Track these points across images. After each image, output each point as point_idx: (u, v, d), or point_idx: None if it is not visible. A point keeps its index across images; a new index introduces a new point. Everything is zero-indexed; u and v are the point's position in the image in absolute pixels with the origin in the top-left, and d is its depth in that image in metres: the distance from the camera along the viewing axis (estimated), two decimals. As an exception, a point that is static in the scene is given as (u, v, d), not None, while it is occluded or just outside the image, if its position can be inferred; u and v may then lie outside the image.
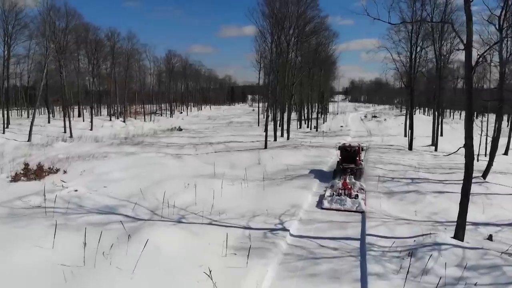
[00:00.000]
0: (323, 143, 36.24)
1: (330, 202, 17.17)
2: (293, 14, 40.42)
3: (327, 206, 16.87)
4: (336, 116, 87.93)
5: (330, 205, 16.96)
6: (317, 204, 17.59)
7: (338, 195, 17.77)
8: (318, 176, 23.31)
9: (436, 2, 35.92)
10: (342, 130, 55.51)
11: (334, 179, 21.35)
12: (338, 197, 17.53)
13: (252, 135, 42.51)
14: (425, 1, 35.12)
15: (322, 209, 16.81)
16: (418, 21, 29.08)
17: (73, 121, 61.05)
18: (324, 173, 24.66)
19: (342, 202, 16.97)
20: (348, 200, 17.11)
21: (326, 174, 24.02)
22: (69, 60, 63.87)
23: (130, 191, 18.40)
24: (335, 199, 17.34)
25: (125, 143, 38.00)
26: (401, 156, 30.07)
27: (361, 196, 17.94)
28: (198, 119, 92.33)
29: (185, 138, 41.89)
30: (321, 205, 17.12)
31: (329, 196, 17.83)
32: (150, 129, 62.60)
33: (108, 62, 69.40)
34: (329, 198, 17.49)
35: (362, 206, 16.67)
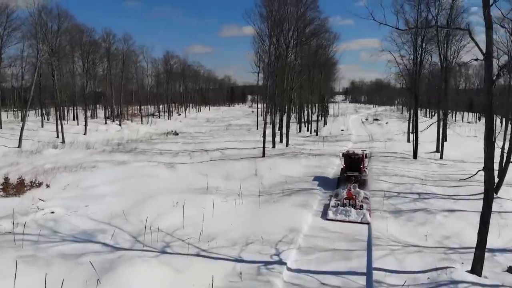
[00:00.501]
0: (323, 150, 34.68)
1: (335, 213, 17.14)
2: (292, 16, 38.90)
3: (332, 217, 16.86)
4: (336, 119, 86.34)
5: (335, 216, 16.94)
6: (321, 215, 17.46)
7: (343, 206, 17.78)
8: (322, 184, 22.96)
9: (440, 4, 34.51)
10: (343, 135, 53.94)
11: (338, 187, 21.42)
12: (343, 207, 17.51)
13: (250, 141, 40.94)
14: (429, 3, 33.71)
15: (327, 220, 16.75)
16: (430, 27, 27.54)
17: (67, 125, 59.62)
18: (328, 180, 24.28)
19: (347, 213, 16.97)
20: (353, 211, 17.10)
21: (330, 182, 23.70)
22: (64, 61, 62.68)
23: (113, 211, 16.89)
24: (340, 209, 17.31)
25: (117, 150, 36.48)
26: (406, 166, 28.52)
27: (365, 206, 17.83)
28: (196, 122, 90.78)
29: (180, 144, 40.34)
30: (326, 216, 17.09)
31: (334, 206, 17.81)
32: (146, 133, 61.10)
33: (104, 64, 67.81)
34: (334, 209, 17.44)
35: (367, 217, 16.64)
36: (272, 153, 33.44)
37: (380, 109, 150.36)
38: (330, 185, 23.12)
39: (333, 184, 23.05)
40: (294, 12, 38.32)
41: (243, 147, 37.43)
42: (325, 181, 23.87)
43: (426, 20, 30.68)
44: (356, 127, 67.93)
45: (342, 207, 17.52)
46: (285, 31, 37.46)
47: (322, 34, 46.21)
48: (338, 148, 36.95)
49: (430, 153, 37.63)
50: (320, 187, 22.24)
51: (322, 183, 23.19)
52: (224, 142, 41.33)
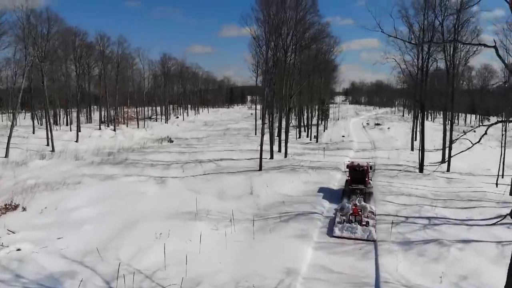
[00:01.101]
0: (324, 163, 32.85)
1: (341, 229, 17.14)
2: (291, 20, 37.11)
3: (338, 234, 16.89)
4: (337, 123, 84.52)
5: (341, 232, 16.97)
6: (327, 232, 17.48)
7: (348, 222, 17.75)
8: (327, 196, 22.83)
9: (446, 8, 32.70)
10: (344, 141, 52.12)
11: (343, 199, 21.57)
12: (348, 224, 17.50)
13: (247, 151, 39.09)
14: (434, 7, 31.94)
15: (333, 237, 16.81)
16: (448, 41, 25.76)
17: (60, 131, 57.85)
18: (332, 192, 24.03)
19: (353, 230, 16.99)
20: (359, 227, 17.12)
21: (334, 193, 23.58)
22: (57, 64, 60.89)
23: (89, 244, 15.08)
24: (345, 226, 17.32)
25: (107, 161, 34.65)
26: (412, 181, 26.70)
27: (371, 222, 17.83)
28: (194, 125, 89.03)
29: (174, 154, 38.51)
30: (332, 232, 17.11)
31: (340, 222, 17.79)
32: (141, 139, 59.29)
33: (98, 67, 66.02)
34: (339, 225, 17.43)
35: (373, 234, 16.66)
36: (269, 165, 31.62)
37: (380, 111, 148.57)
38: (335, 196, 22.98)
39: (338, 196, 22.99)
40: (293, 16, 36.53)
41: (239, 158, 35.64)
42: (330, 192, 23.75)
43: (433, 27, 28.90)
44: (357, 132, 66.12)
45: (348, 224, 17.49)
46: (284, 36, 35.65)
47: (322, 39, 44.33)
48: (339, 159, 35.17)
49: (435, 164, 35.70)
50: (324, 199, 22.27)
51: (327, 195, 23.11)
52: (220, 152, 39.49)
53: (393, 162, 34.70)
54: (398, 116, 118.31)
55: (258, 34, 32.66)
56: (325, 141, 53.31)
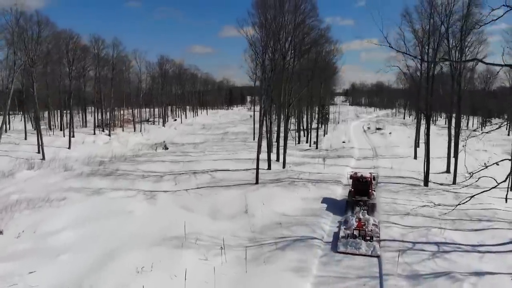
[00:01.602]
0: (324, 175, 31.30)
1: (345, 245, 17.14)
2: (290, 24, 35.58)
3: (343, 250, 16.88)
4: (337, 126, 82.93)
5: (345, 248, 16.97)
6: (331, 247, 17.41)
7: (352, 237, 17.71)
8: (330, 208, 22.71)
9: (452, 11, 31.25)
10: (344, 148, 50.58)
11: (346, 211, 21.85)
12: (353, 239, 17.48)
13: (244, 160, 37.58)
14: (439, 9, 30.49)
15: (337, 252, 16.79)
16: (468, 60, 24.29)
17: (52, 137, 56.29)
18: (335, 202, 23.96)
19: (357, 245, 17.00)
20: (363, 243, 17.12)
21: (337, 204, 23.50)
22: (51, 68, 59.35)
23: (63, 280, 13.58)
24: (350, 242, 17.30)
25: (97, 172, 33.16)
26: (417, 197, 25.17)
27: (375, 237, 17.77)
28: (191, 129, 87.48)
29: (168, 163, 37.00)
30: (337, 248, 17.09)
31: (344, 237, 17.77)
32: (137, 144, 57.77)
33: (92, 70, 64.51)
34: (344, 241, 17.44)
35: (376, 250, 16.68)
36: (266, 178, 30.11)
37: (381, 113, 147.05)
38: (338, 208, 22.83)
39: (341, 207, 22.91)
40: (292, 20, 35.00)
41: (235, 168, 34.11)
42: (333, 203, 23.73)
43: (440, 33, 27.38)
44: (358, 137, 64.53)
45: (352, 239, 17.48)
46: (282, 41, 34.12)
47: (322, 44, 42.78)
48: (340, 170, 33.67)
49: (440, 174, 34.22)
50: (328, 210, 22.35)
51: (330, 206, 23.08)
52: (216, 161, 37.98)
53: (396, 173, 33.15)
54: (399, 118, 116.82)
55: (255, 40, 31.08)
56: (325, 147, 51.75)
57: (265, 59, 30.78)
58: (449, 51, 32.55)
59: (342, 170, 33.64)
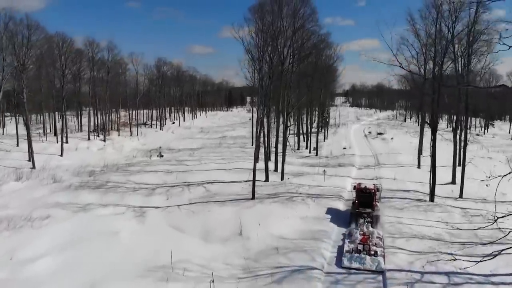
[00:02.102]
0: (324, 188, 29.73)
1: (350, 260, 17.16)
2: (289, 28, 34.08)
3: (347, 265, 16.93)
4: (337, 130, 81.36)
5: (350, 263, 16.99)
6: (336, 262, 17.55)
7: (357, 252, 17.71)
8: (334, 219, 22.76)
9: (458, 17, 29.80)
10: (345, 155, 49.05)
11: (350, 223, 21.86)
12: (357, 254, 17.49)
13: (241, 170, 36.03)
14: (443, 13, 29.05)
15: (342, 267, 16.89)
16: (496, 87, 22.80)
17: (46, 143, 54.80)
18: (339, 213, 23.95)
19: (362, 260, 17.05)
20: (368, 258, 17.14)
21: (341, 215, 23.51)
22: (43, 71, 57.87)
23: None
24: (354, 257, 17.33)
25: (86, 184, 31.69)
26: (423, 215, 23.68)
27: (379, 251, 17.75)
28: (189, 132, 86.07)
29: (161, 174, 35.52)
30: (341, 263, 17.14)
31: (348, 252, 17.79)
32: (132, 150, 56.34)
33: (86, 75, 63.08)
34: (348, 255, 17.46)
35: (381, 265, 16.73)
36: (263, 191, 28.63)
37: (382, 115, 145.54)
38: (342, 219, 22.86)
39: (345, 218, 22.90)
40: (291, 24, 33.50)
41: (231, 180, 32.62)
42: (337, 214, 23.74)
43: (446, 40, 25.91)
44: (359, 142, 63.00)
45: (357, 254, 17.50)
46: (281, 47, 32.62)
47: (322, 49, 41.27)
48: (341, 182, 32.19)
49: (445, 186, 32.68)
50: (333, 222, 22.38)
51: (334, 217, 23.13)
52: (211, 171, 36.50)
53: (400, 186, 31.64)
54: (400, 120, 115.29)
55: (252, 46, 29.52)
56: (325, 154, 50.27)
57: (262, 67, 29.24)
58: (455, 59, 31.08)
59: (343, 182, 32.16)
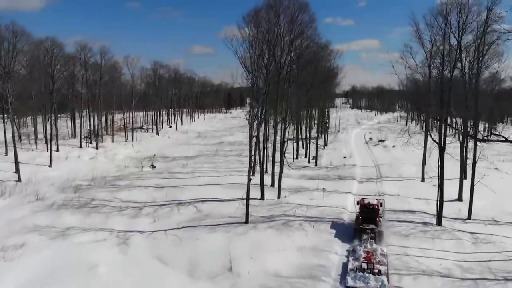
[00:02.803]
0: (324, 209, 27.60)
1: (354, 279, 17.30)
2: (287, 35, 32.13)
3: (351, 285, 17.06)
4: (337, 136, 79.35)
5: (354, 283, 17.12)
6: (340, 280, 17.68)
7: (361, 271, 17.84)
8: (338, 234, 22.98)
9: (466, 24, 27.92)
10: (345, 165, 47.10)
11: (354, 238, 22.13)
12: (361, 273, 17.62)
13: (236, 185, 33.92)
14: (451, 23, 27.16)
15: (346, 287, 17.04)
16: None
17: (36, 151, 52.80)
18: (344, 228, 24.20)
19: (366, 279, 17.16)
20: (371, 277, 17.26)
21: (346, 230, 23.76)
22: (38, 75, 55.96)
23: None
24: (358, 276, 17.48)
25: (70, 203, 29.83)
26: (431, 244, 21.68)
27: (383, 269, 17.91)
28: (186, 137, 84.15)
29: (151, 190, 33.61)
30: (345, 283, 17.27)
31: (352, 270, 17.97)
32: (124, 159, 54.39)
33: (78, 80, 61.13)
34: (352, 274, 17.63)
35: (385, 283, 16.89)
36: (258, 213, 26.71)
37: (382, 117, 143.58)
38: (346, 234, 23.00)
39: (350, 232, 23.12)
40: (288, 30, 31.53)
41: (225, 197, 30.70)
42: (342, 229, 23.91)
43: (455, 55, 23.96)
44: (359, 150, 61.00)
45: (361, 273, 17.62)
46: (278, 57, 30.66)
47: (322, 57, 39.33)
48: (341, 201, 30.29)
49: (451, 203, 30.56)
50: (336, 238, 22.56)
51: (338, 232, 23.26)
52: (204, 186, 34.60)
53: (404, 205, 29.68)
54: (401, 124, 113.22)
55: (247, 57, 27.45)
56: (325, 164, 48.38)
57: (256, 83, 27.27)
58: (463, 69, 29.10)
59: (344, 201, 30.28)
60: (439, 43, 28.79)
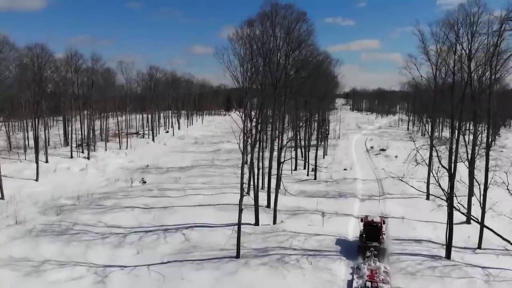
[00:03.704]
0: (323, 239, 25.29)
1: None
2: (284, 44, 30.08)
3: None
4: (338, 143, 77.20)
5: None
6: None
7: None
8: (343, 251, 23.70)
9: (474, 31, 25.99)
10: (346, 179, 45.01)
11: (358, 257, 22.50)
12: None
13: (229, 206, 31.85)
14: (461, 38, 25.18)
15: None
16: None
17: (24, 162, 50.79)
18: (348, 244, 24.78)
19: None
20: None
21: (350, 246, 24.30)
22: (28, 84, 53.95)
23: None
24: None
25: (51, 228, 27.86)
26: (440, 284, 19.64)
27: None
28: (182, 144, 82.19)
29: (138, 211, 31.55)
30: None
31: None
32: (116, 170, 52.38)
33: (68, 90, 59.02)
34: None
35: None
36: (251, 243, 24.64)
37: (383, 121, 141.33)
38: (350, 251, 23.50)
39: (354, 249, 23.53)
40: (284, 44, 29.50)
41: (216, 222, 28.63)
42: (346, 245, 24.61)
43: (466, 81, 21.92)
44: (360, 160, 58.81)
45: None
46: (273, 71, 28.57)
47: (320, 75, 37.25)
48: (342, 226, 28.21)
49: (460, 227, 28.49)
50: (341, 254, 23.38)
51: (343, 249, 24.08)
52: (196, 207, 32.60)
53: (409, 231, 27.61)
54: (403, 130, 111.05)
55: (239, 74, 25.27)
56: (325, 177, 46.38)
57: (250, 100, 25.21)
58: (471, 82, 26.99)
59: (345, 226, 28.28)
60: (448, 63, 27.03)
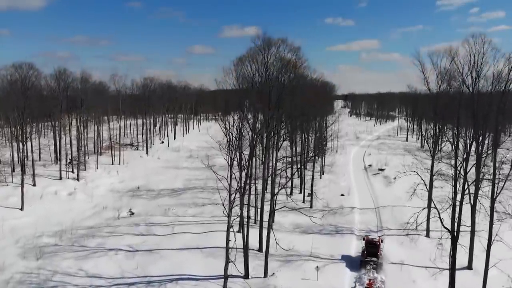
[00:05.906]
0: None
1: None
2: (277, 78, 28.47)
3: None
4: (335, 159, 75.41)
5: None
6: None
7: None
8: (348, 265, 28.49)
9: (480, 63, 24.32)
10: (343, 209, 43.36)
11: (360, 267, 27.73)
12: None
13: (219, 250, 30.12)
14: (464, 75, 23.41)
15: None
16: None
17: (11, 186, 48.82)
18: (351, 259, 29.52)
19: None
20: None
21: (353, 261, 29.21)
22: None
23: None
24: None
25: (29, 279, 26.09)
26: None
27: None
28: (176, 157, 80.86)
29: (121, 256, 29.84)
30: None
31: None
32: (106, 193, 50.87)
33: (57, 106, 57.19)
34: None
35: None
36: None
37: (382, 129, 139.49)
38: (354, 264, 28.61)
39: (356, 263, 28.68)
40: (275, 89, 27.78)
41: (203, 274, 26.77)
42: (350, 260, 29.38)
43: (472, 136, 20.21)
44: (358, 183, 56.92)
45: None
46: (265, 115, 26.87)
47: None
48: (339, 280, 26.48)
49: (459, 273, 26.57)
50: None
51: (348, 262, 28.92)
52: (183, 250, 30.93)
53: (409, 285, 25.99)
54: (402, 140, 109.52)
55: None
56: (321, 205, 44.77)
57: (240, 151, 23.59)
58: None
59: (341, 281, 26.54)
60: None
